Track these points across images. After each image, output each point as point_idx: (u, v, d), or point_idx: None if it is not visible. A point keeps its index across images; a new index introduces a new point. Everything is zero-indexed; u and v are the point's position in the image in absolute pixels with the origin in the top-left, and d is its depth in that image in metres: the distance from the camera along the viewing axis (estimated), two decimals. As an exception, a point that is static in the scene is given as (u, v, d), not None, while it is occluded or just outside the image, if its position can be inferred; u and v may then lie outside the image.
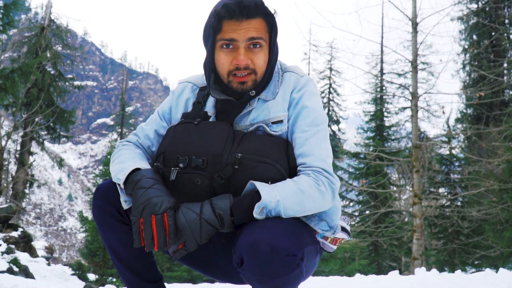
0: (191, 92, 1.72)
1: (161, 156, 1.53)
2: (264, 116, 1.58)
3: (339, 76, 25.75)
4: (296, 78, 1.63)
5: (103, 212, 1.59)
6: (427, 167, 14.96)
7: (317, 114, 1.58)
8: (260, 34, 1.54)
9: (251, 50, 1.54)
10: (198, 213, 1.37)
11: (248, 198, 1.40)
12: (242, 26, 1.52)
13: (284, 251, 1.30)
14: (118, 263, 1.65)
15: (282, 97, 1.60)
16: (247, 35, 1.52)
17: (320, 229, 1.52)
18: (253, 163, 1.46)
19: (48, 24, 19.38)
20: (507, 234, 11.46)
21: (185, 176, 1.47)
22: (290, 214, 1.40)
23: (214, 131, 1.53)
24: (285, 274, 1.32)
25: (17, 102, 13.79)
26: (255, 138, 1.52)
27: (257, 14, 1.53)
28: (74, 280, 8.94)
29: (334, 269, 15.44)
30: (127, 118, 31.75)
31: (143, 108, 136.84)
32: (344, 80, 23.22)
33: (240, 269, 1.37)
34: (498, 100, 15.27)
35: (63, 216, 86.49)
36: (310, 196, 1.43)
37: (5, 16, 8.89)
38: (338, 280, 6.93)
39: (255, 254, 1.30)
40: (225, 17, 1.51)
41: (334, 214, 1.54)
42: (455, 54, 20.24)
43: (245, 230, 1.36)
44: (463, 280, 5.41)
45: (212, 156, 1.47)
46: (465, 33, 20.16)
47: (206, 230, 1.36)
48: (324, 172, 1.49)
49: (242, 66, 1.54)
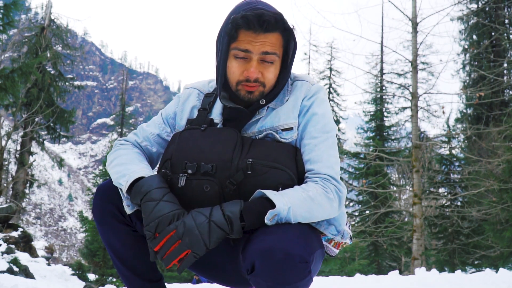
0: (197, 99, 1.71)
1: (168, 163, 1.51)
2: (273, 123, 1.58)
3: (339, 76, 25.72)
4: (307, 86, 1.63)
5: (104, 212, 1.58)
6: (427, 167, 14.97)
7: (327, 121, 1.59)
8: (275, 50, 1.53)
9: (263, 64, 1.54)
10: (207, 216, 1.36)
11: (258, 204, 1.39)
12: (258, 39, 1.51)
13: (298, 258, 1.29)
14: (118, 263, 1.65)
15: (293, 104, 1.60)
16: (262, 49, 1.51)
17: (330, 233, 1.53)
18: (265, 168, 1.45)
19: (48, 24, 19.39)
20: (507, 234, 11.47)
21: (194, 183, 1.46)
22: (299, 221, 1.40)
23: (222, 137, 1.52)
24: (297, 281, 1.31)
25: (17, 102, 13.80)
26: (264, 144, 1.52)
27: (275, 29, 1.52)
28: (74, 280, 8.94)
29: (334, 269, 15.44)
30: (127, 118, 31.74)
31: (143, 108, 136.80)
32: (344, 80, 23.18)
33: (250, 276, 1.35)
34: (498, 100, 15.27)
35: (63, 216, 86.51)
36: (319, 203, 1.43)
37: (5, 16, 8.90)
38: (338, 280, 6.92)
39: (268, 261, 1.29)
40: (242, 27, 1.51)
41: (342, 219, 1.55)
42: (455, 54, 20.29)
43: (256, 236, 1.34)
44: (463, 280, 5.41)
45: (222, 162, 1.46)
46: (465, 33, 20.17)
47: (215, 233, 1.34)
48: (332, 180, 1.49)
49: (253, 79, 1.54)
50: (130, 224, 1.59)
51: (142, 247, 1.61)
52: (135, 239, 1.60)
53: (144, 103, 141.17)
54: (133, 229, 1.60)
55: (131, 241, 1.60)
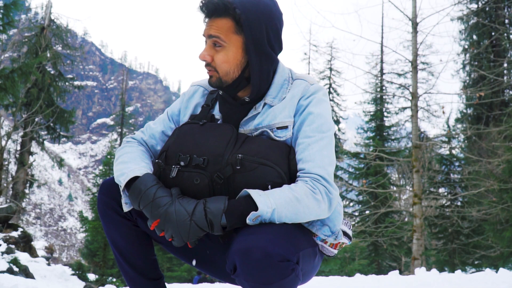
0: (202, 97, 1.74)
1: (163, 154, 1.54)
2: (269, 121, 1.58)
3: (339, 76, 25.72)
4: (306, 85, 1.62)
5: (107, 206, 1.63)
6: (427, 167, 14.96)
7: (323, 121, 1.56)
8: (219, 33, 1.54)
9: (214, 48, 1.57)
10: (189, 214, 1.37)
11: (243, 204, 1.39)
12: (209, 24, 1.57)
13: (277, 257, 1.29)
14: (120, 259, 1.68)
15: (290, 102, 1.59)
16: (207, 31, 1.56)
17: (323, 234, 1.52)
18: (254, 164, 1.45)
19: (48, 24, 19.38)
20: (507, 234, 11.47)
21: (185, 175, 1.48)
22: (284, 221, 1.39)
23: (217, 132, 1.54)
24: (279, 280, 1.31)
25: (17, 102, 13.80)
26: (257, 141, 1.53)
27: (220, 14, 1.54)
28: (74, 280, 8.95)
29: (334, 269, 15.46)
30: (127, 118, 31.74)
31: (143, 108, 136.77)
32: (344, 80, 23.19)
33: (233, 276, 1.37)
34: (498, 100, 15.27)
35: (63, 216, 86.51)
36: (306, 205, 1.41)
37: (5, 16, 8.91)
38: (338, 280, 6.91)
39: (247, 261, 1.29)
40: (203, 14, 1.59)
41: (337, 219, 1.54)
42: (455, 54, 20.26)
43: (238, 236, 1.35)
44: (463, 280, 5.41)
45: (213, 156, 1.47)
46: (465, 33, 20.16)
47: (194, 231, 1.37)
48: (322, 180, 1.47)
49: (201, 60, 1.58)
50: (131, 219, 1.63)
51: (143, 243, 1.65)
52: (136, 234, 1.64)
53: (144, 103, 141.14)
54: (135, 223, 1.64)
55: (133, 236, 1.64)
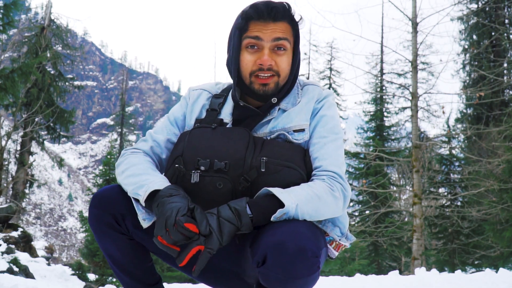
0: (206, 100, 1.72)
1: (179, 159, 1.51)
2: (285, 124, 1.59)
3: (339, 76, 25.68)
4: (319, 90, 1.67)
5: (100, 221, 1.55)
6: (427, 167, 14.95)
7: (336, 123, 1.62)
8: (286, 36, 1.56)
9: (275, 52, 1.56)
10: (215, 214, 1.36)
11: (265, 200, 1.40)
12: (268, 27, 1.54)
13: (310, 252, 1.30)
14: (117, 270, 1.65)
15: (306, 106, 1.62)
16: (273, 35, 1.54)
17: (335, 234, 1.54)
18: (278, 167, 1.47)
19: (48, 24, 19.38)
20: (507, 234, 11.46)
21: (206, 180, 1.46)
22: (305, 218, 1.41)
23: (233, 136, 1.53)
24: (307, 275, 1.32)
25: (17, 102, 13.79)
26: (276, 144, 1.53)
27: (284, 18, 1.55)
28: (74, 280, 8.94)
29: (334, 269, 15.44)
30: (127, 118, 31.79)
31: (143, 108, 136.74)
32: (344, 80, 23.11)
33: (260, 268, 1.34)
34: (498, 100, 15.24)
35: (63, 216, 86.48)
36: (326, 202, 1.44)
37: (5, 16, 8.90)
38: (338, 280, 6.91)
39: (281, 254, 1.29)
40: (253, 18, 1.53)
41: (346, 221, 1.58)
42: (455, 54, 20.25)
43: (267, 230, 1.35)
44: (463, 280, 5.41)
45: (234, 160, 1.47)
46: (465, 33, 20.15)
47: (225, 227, 1.33)
48: (339, 178, 1.50)
49: (266, 67, 1.54)
50: (126, 233, 1.58)
51: (139, 254, 1.62)
52: (132, 247, 1.60)
53: (144, 103, 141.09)
54: (130, 237, 1.59)
55: (129, 249, 1.60)
